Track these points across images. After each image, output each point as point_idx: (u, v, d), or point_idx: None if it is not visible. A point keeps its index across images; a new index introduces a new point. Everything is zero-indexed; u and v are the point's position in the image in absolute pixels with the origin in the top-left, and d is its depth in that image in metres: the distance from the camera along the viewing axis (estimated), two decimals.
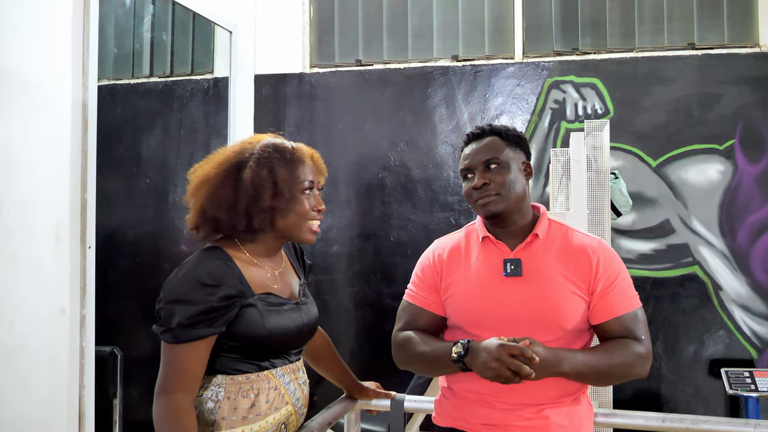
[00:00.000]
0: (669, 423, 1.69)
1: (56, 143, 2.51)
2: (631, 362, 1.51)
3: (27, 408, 2.33)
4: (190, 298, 1.33)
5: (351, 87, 3.95)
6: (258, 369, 1.44)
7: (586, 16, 3.72)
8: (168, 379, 1.33)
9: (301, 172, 1.48)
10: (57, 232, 2.49)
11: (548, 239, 1.62)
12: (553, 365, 1.44)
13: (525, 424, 1.54)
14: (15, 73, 2.32)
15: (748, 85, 3.43)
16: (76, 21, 2.57)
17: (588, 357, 1.50)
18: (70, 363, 2.52)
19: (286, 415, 1.48)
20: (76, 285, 2.55)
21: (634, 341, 1.54)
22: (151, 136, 4.12)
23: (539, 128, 3.68)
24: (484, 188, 1.59)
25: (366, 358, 3.86)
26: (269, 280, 1.49)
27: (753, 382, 3.15)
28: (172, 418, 1.30)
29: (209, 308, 1.33)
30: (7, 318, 2.27)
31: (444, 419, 1.67)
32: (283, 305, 1.47)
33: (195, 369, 1.34)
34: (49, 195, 2.47)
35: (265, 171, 1.43)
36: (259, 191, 1.42)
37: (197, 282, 1.34)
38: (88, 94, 2.61)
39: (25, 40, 2.37)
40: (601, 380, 1.61)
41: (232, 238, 1.47)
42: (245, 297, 1.40)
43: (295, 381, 1.51)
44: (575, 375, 1.49)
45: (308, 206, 1.49)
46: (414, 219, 3.83)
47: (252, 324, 1.39)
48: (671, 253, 3.50)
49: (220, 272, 1.38)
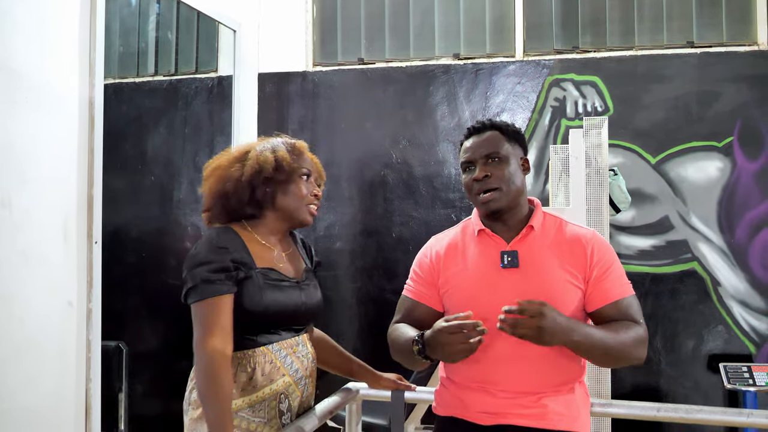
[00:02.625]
0: (664, 413, 1.73)
1: (63, 141, 2.55)
2: (634, 342, 1.53)
3: (35, 401, 2.38)
4: (209, 259, 1.49)
5: (353, 85, 3.99)
6: (255, 345, 1.54)
7: (586, 15, 3.75)
8: (203, 334, 1.45)
9: (301, 160, 1.66)
10: (65, 228, 2.53)
11: (543, 231, 1.66)
12: (567, 331, 1.45)
13: (523, 411, 1.57)
14: (22, 72, 2.36)
15: (747, 83, 3.46)
16: (82, 20, 2.62)
17: (597, 331, 1.52)
18: (77, 356, 2.57)
19: (284, 385, 1.57)
20: (83, 279, 2.60)
21: (634, 323, 1.57)
22: (156, 134, 4.16)
23: (540, 126, 3.72)
24: (485, 180, 1.62)
25: (368, 353, 3.87)
26: (275, 258, 1.61)
27: (751, 377, 3.18)
28: (209, 377, 1.42)
29: (226, 266, 1.48)
30: (16, 314, 2.31)
31: (444, 408, 1.70)
32: (283, 281, 1.58)
33: (224, 322, 1.46)
34: (57, 192, 2.52)
35: (268, 150, 1.63)
36: (262, 165, 1.59)
37: (213, 245, 1.52)
38: (95, 92, 2.65)
39: (32, 40, 2.41)
40: (606, 358, 1.59)
41: (239, 220, 1.62)
42: (248, 267, 1.52)
43: (293, 354, 1.59)
44: (584, 346, 1.49)
45: (305, 191, 1.64)
46: (416, 216, 3.86)
47: (250, 296, 1.51)
48: (670, 249, 3.54)
49: (229, 242, 1.53)
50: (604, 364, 1.69)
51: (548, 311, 1.43)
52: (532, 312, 1.41)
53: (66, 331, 2.52)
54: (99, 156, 2.67)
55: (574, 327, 1.47)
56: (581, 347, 1.50)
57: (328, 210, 3.98)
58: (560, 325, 1.44)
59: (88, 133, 2.64)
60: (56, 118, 2.52)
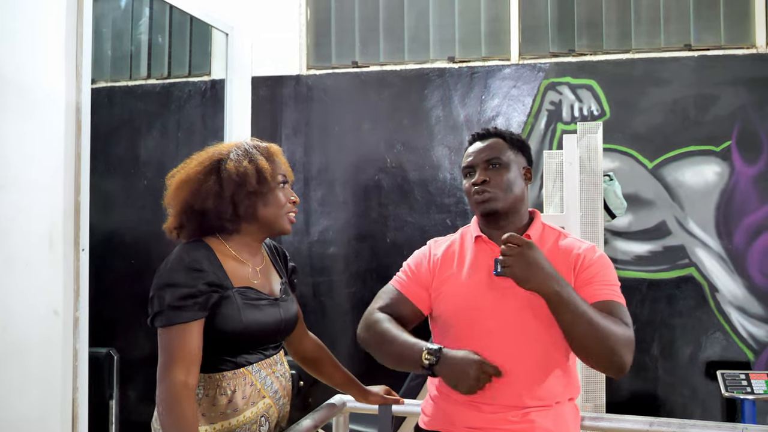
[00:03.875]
0: (656, 427, 1.69)
1: (50, 146, 2.52)
2: (622, 336, 1.44)
3: (21, 409, 2.35)
4: (179, 281, 1.41)
5: (348, 89, 3.96)
6: (234, 366, 1.48)
7: (582, 18, 3.71)
8: (166, 362, 1.39)
9: (277, 166, 1.58)
10: (50, 235, 2.50)
11: (540, 242, 1.63)
12: (548, 276, 1.41)
13: (511, 427, 1.53)
14: (8, 76, 2.33)
15: (745, 87, 3.42)
16: (69, 24, 2.58)
17: (582, 301, 1.45)
18: (64, 365, 2.54)
19: (265, 408, 1.53)
20: (69, 287, 2.56)
21: (622, 323, 1.49)
22: (149, 137, 4.13)
23: (535, 130, 3.68)
24: (484, 185, 1.62)
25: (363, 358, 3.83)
26: (250, 275, 1.55)
27: (749, 385, 3.14)
28: (170, 408, 1.36)
29: (197, 291, 1.41)
30: (0, 321, 2.28)
31: (431, 423, 1.67)
32: (261, 300, 1.53)
33: (191, 350, 1.40)
34: (43, 198, 2.48)
35: (247, 161, 1.53)
36: (244, 178, 1.51)
37: (184, 267, 1.43)
38: (82, 96, 2.62)
39: (19, 44, 2.38)
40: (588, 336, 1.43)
41: (213, 234, 1.54)
42: (224, 288, 1.46)
43: (272, 375, 1.56)
44: (565, 304, 1.42)
45: (284, 199, 1.58)
46: (410, 220, 3.83)
47: (229, 317, 1.45)
48: (667, 254, 3.50)
49: (204, 260, 1.45)
50: (585, 350, 1.46)
51: (535, 248, 1.44)
52: (519, 241, 1.43)
53: (51, 339, 2.49)
54: (86, 161, 2.64)
55: (558, 278, 1.43)
56: (561, 304, 1.42)
57: (322, 215, 3.95)
58: (542, 265, 1.42)
59: (75, 138, 2.61)
60: (43, 122, 2.48)
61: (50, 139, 2.52)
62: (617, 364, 1.44)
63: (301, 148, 4.01)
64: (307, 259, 3.96)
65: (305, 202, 3.97)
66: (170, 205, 1.57)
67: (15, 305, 2.34)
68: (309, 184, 3.98)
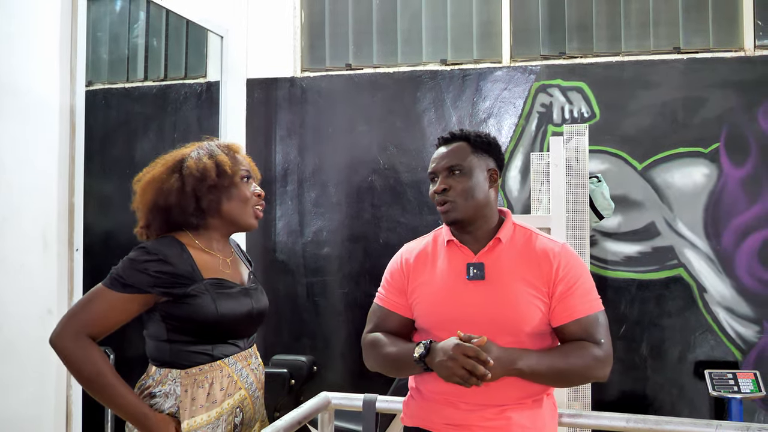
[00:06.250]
0: (633, 424, 1.71)
1: (44, 148, 2.56)
2: (587, 365, 1.53)
3: (15, 408, 2.38)
4: (135, 260, 1.49)
5: (341, 91, 4.00)
6: (211, 359, 1.53)
7: (573, 21, 3.75)
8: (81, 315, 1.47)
9: (238, 162, 1.62)
10: (44, 236, 2.54)
11: (511, 243, 1.65)
12: (507, 363, 1.47)
13: (487, 424, 1.57)
14: (3, 78, 2.37)
15: (733, 89, 3.46)
16: (63, 27, 2.62)
17: (544, 357, 1.52)
18: (58, 364, 2.55)
19: (240, 399, 1.58)
20: (63, 287, 2.60)
21: (592, 344, 1.55)
22: (145, 139, 4.17)
23: (526, 132, 3.71)
24: (444, 194, 1.63)
25: (356, 359, 3.89)
26: (221, 266, 1.60)
27: (736, 384, 3.17)
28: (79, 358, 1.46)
29: (148, 277, 1.47)
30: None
31: (410, 419, 1.70)
32: (233, 288, 1.58)
33: (109, 319, 1.47)
34: (37, 199, 2.52)
35: (207, 157, 1.58)
36: (204, 172, 1.55)
37: (145, 252, 1.50)
38: (76, 99, 2.66)
39: (13, 47, 2.42)
40: (558, 380, 1.60)
41: (182, 229, 1.59)
42: (194, 282, 1.50)
43: (247, 367, 1.60)
44: (531, 374, 1.51)
45: (248, 193, 1.62)
46: (403, 221, 3.87)
47: (203, 308, 1.50)
48: (656, 255, 3.53)
49: (172, 253, 1.50)
50: (558, 386, 1.70)
51: (490, 348, 1.45)
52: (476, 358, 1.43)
53: (45, 338, 2.51)
54: (80, 163, 2.68)
55: (516, 356, 1.49)
56: (527, 375, 1.51)
57: (315, 215, 3.99)
58: (500, 360, 1.45)
59: (69, 140, 2.65)
60: (37, 124, 2.52)
61: (44, 141, 2.55)
62: (595, 381, 1.62)
63: (295, 149, 4.05)
64: (300, 260, 4.00)
65: (299, 203, 4.01)
66: (138, 208, 1.63)
67: (9, 305, 2.38)
68: (303, 185, 4.03)
